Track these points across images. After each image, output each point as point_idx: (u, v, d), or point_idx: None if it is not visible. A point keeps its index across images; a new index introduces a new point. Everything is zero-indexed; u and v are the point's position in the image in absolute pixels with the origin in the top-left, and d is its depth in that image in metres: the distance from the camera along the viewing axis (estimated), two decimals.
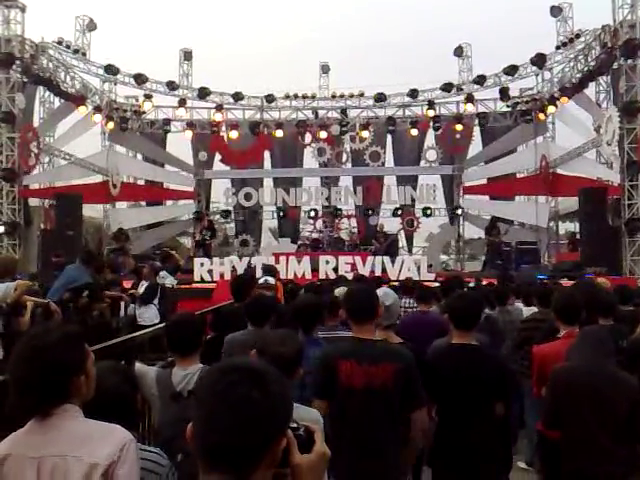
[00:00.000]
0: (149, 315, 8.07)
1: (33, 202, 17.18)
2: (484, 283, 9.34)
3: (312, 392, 2.93)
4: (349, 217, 19.59)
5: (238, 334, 4.16)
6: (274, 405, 1.17)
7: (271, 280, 6.54)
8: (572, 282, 7.90)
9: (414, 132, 19.49)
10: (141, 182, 21.29)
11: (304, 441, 1.23)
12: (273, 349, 2.47)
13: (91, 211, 19.61)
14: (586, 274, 11.69)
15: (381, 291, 3.61)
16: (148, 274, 8.67)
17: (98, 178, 19.11)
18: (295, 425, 1.24)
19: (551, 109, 17.79)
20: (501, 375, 3.38)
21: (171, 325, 3.20)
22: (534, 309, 5.96)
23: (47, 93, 17.65)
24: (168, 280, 9.05)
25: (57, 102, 17.87)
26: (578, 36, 16.24)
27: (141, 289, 8.54)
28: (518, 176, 20.29)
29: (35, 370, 1.77)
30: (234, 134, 19.80)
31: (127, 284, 9.23)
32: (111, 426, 1.82)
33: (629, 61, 13.94)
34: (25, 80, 15.59)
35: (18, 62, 15.07)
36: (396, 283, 8.75)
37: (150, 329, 5.40)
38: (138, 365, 3.23)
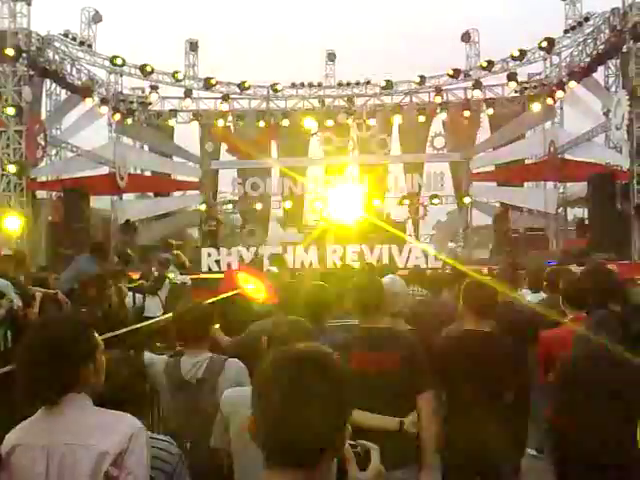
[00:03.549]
0: (152, 307, 8.13)
1: (41, 194, 17.24)
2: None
3: None
4: None
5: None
6: (339, 392, 1.16)
7: (274, 270, 6.54)
8: (580, 268, 7.81)
9: (421, 119, 19.36)
10: (148, 173, 21.32)
11: (362, 459, 1.28)
12: (281, 333, 2.48)
13: (98, 203, 19.66)
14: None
15: (388, 278, 3.61)
16: (158, 267, 8.75)
17: (105, 170, 19.14)
18: (353, 442, 1.29)
19: (559, 94, 17.59)
20: (513, 361, 3.38)
21: (179, 314, 3.21)
22: (541, 295, 5.91)
23: (53, 85, 17.65)
24: (179, 277, 9.09)
25: (63, 94, 17.88)
26: (587, 19, 16.04)
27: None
28: (526, 162, 20.15)
29: (44, 359, 1.77)
30: (240, 124, 19.78)
31: (135, 275, 9.26)
32: (120, 415, 1.82)
33: (638, 44, 13.75)
34: (31, 73, 15.59)
35: (24, 55, 15.08)
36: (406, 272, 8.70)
37: (159, 319, 5.41)
38: (147, 355, 3.24)
